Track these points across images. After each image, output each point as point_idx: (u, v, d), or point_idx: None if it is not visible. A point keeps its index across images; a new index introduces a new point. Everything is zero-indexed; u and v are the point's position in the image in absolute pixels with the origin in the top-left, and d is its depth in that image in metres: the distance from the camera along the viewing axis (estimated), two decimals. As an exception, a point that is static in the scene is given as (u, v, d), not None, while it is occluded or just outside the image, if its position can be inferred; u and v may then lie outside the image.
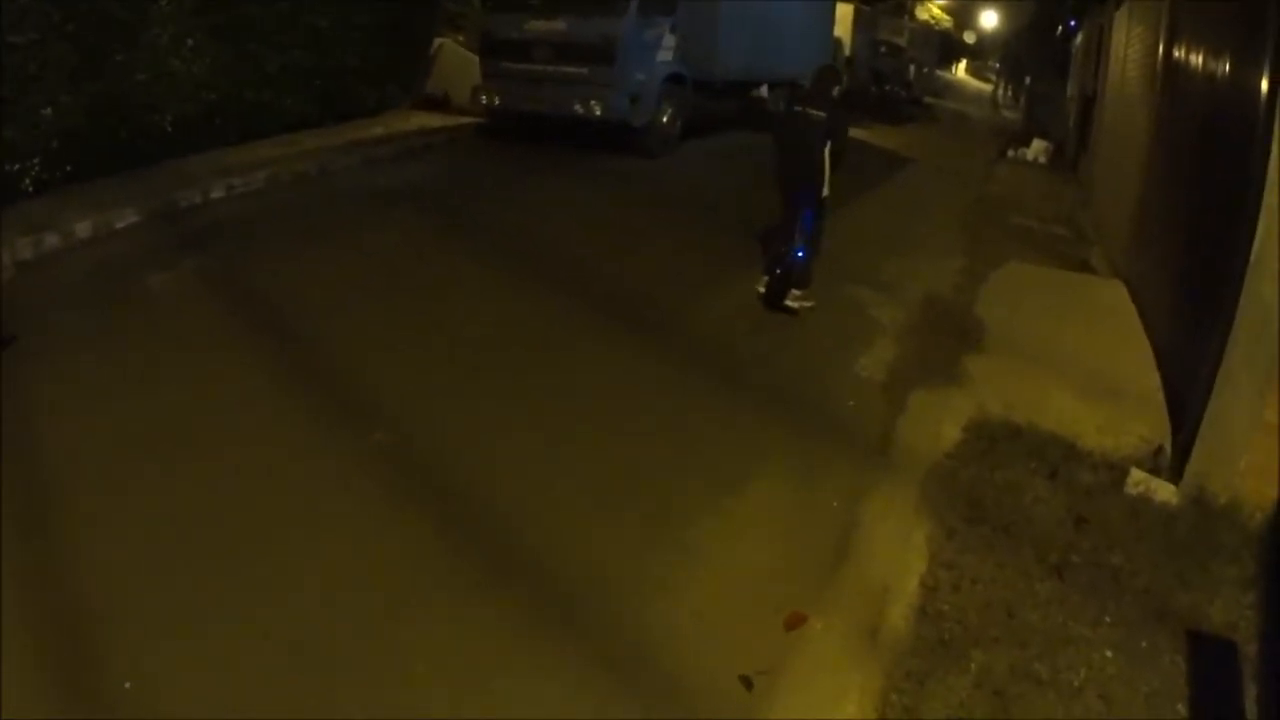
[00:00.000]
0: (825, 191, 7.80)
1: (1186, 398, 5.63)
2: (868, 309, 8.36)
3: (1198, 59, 7.63)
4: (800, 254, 7.79)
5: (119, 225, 9.05)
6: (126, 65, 10.26)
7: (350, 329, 6.92)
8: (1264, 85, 5.00)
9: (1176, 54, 8.62)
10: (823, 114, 7.60)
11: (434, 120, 15.62)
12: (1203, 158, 6.97)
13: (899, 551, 4.48)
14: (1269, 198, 4.66)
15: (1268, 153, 4.67)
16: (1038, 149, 23.20)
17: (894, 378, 6.70)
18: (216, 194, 10.43)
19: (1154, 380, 6.83)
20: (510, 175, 12.69)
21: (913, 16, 46.04)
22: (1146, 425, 5.99)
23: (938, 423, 5.88)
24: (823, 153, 7.59)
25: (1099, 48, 18.10)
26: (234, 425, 5.39)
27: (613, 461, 5.37)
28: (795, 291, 7.90)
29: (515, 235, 9.72)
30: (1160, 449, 5.69)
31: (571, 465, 5.29)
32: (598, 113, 13.38)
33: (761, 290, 8.05)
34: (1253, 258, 4.75)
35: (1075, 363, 7.13)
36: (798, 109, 7.82)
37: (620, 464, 5.34)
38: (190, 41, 11.25)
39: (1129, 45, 12.27)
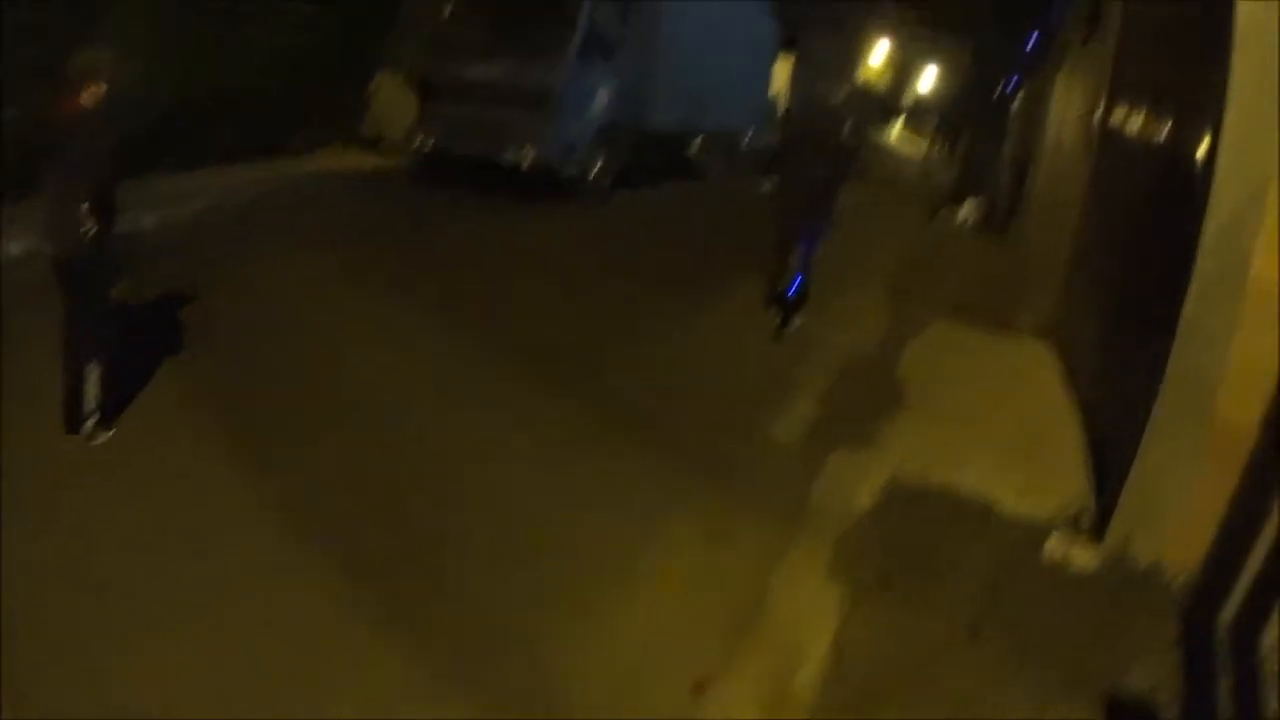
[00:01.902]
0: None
1: (1110, 459, 5.62)
2: (789, 368, 8.23)
3: (1137, 121, 7.67)
4: (797, 282, 9.10)
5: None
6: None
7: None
8: (1201, 148, 4.97)
9: (1116, 115, 8.68)
10: (822, 169, 8.93)
11: (368, 160, 15.40)
12: (1136, 219, 6.96)
13: (810, 613, 4.35)
14: (1203, 262, 4.60)
15: (1202, 215, 4.61)
16: (969, 208, 23.41)
17: (811, 438, 6.62)
18: (148, 223, 10.06)
19: (1077, 441, 6.79)
20: (436, 221, 12.42)
21: (851, 72, 46.51)
22: (1068, 487, 5.93)
23: (854, 483, 5.79)
24: (826, 198, 9.03)
25: (1038, 107, 18.36)
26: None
27: (516, 519, 5.20)
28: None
29: (432, 283, 9.49)
30: (1082, 511, 5.59)
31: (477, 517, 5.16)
32: (530, 160, 13.20)
33: (777, 318, 9.18)
34: (1183, 322, 4.69)
35: (997, 424, 7.08)
36: (803, 159, 9.10)
37: (524, 522, 5.18)
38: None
39: (1067, 105, 12.44)
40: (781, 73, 26.26)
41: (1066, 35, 15.06)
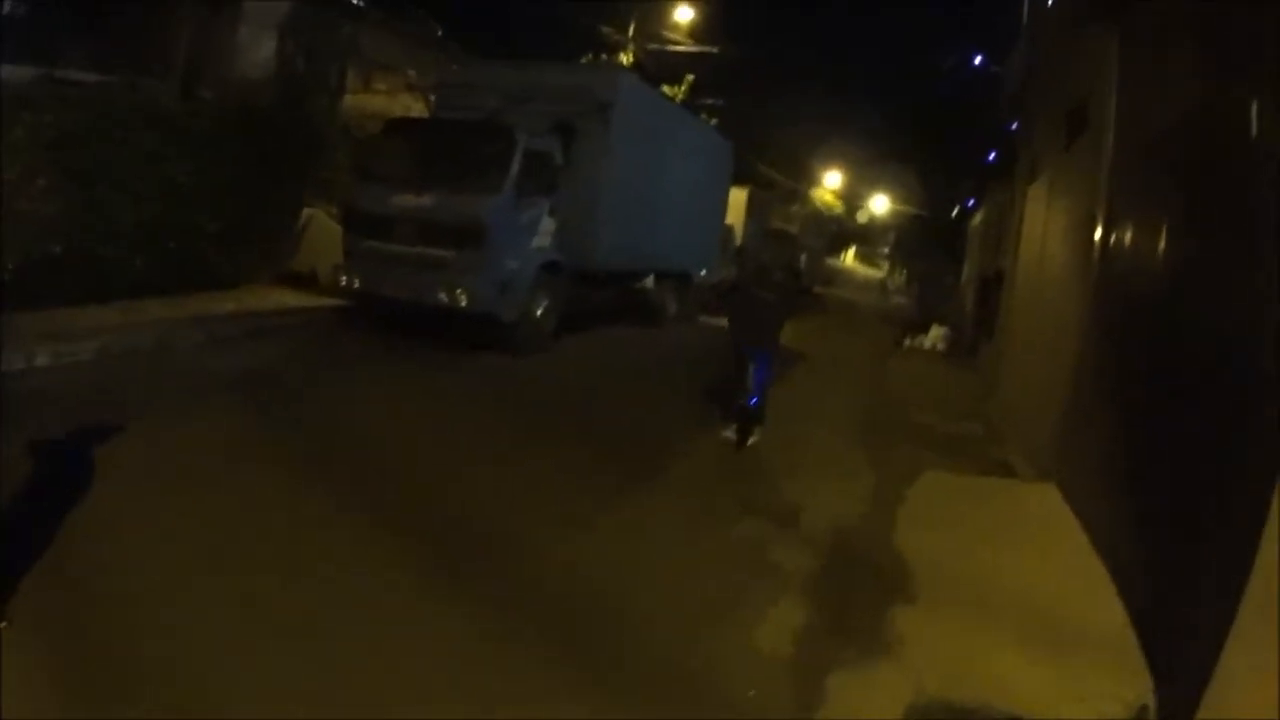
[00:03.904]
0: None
1: (1169, 640, 4.78)
2: (765, 550, 6.69)
3: (1151, 240, 6.70)
4: (754, 401, 9.74)
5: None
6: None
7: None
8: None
9: (1119, 232, 7.69)
10: (775, 295, 9.70)
11: (293, 299, 14.12)
12: (1165, 362, 5.99)
13: None
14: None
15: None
16: (935, 336, 22.77)
17: (804, 650, 5.09)
18: (41, 360, 8.89)
19: (1117, 614, 5.67)
20: (360, 369, 11.00)
21: (804, 203, 46.56)
22: (1121, 680, 4.84)
23: (867, 713, 4.42)
24: (778, 324, 9.95)
25: (1004, 225, 17.68)
26: None
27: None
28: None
29: (346, 445, 7.95)
30: (1143, 710, 4.60)
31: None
32: (462, 303, 11.91)
33: (729, 435, 9.76)
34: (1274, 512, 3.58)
35: (1021, 602, 5.91)
36: (754, 291, 9.84)
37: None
38: (42, 181, 10.07)
39: (1049, 220, 11.48)
40: (736, 201, 25.36)
41: (1036, 144, 14.34)
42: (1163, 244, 6.57)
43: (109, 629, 4.34)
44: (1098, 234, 8.32)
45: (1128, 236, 7.53)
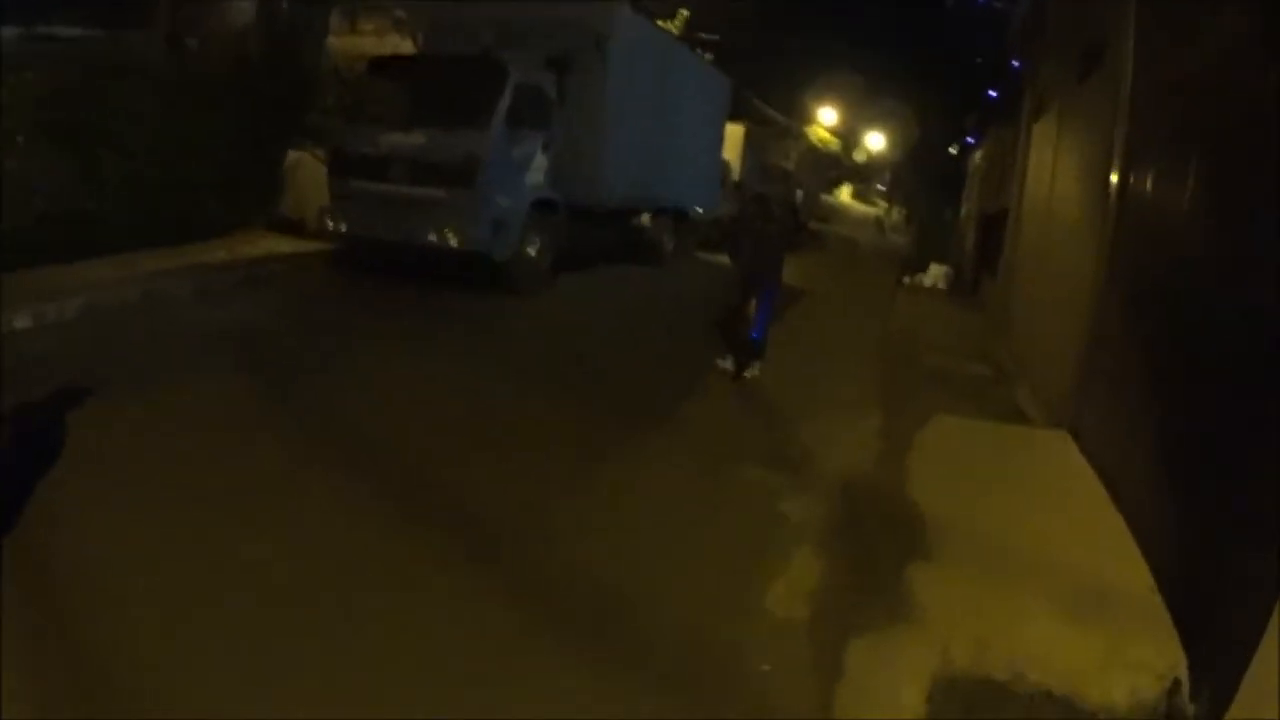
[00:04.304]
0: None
1: (1203, 605, 4.52)
2: (775, 500, 6.38)
3: (1180, 184, 6.36)
4: (756, 335, 9.89)
5: None
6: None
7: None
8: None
9: (1142, 174, 7.32)
10: (776, 229, 10.21)
11: (284, 245, 13.77)
12: (1197, 316, 5.68)
13: None
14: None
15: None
16: (936, 274, 22.44)
17: (820, 614, 4.80)
18: (22, 324, 8.59)
19: (1142, 574, 5.36)
20: (352, 316, 10.71)
21: (800, 139, 45.97)
22: (1154, 647, 4.53)
23: (892, 688, 4.11)
24: (780, 258, 10.20)
25: (1007, 163, 17.29)
26: None
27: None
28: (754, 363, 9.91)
29: (336, 404, 7.50)
30: (1176, 685, 4.29)
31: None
32: (454, 243, 11.57)
33: (726, 366, 9.90)
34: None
35: (1045, 559, 5.57)
36: (756, 225, 10.15)
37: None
38: (25, 139, 9.91)
39: (1059, 159, 11.09)
40: (733, 137, 24.88)
41: (1043, 81, 13.92)
42: (1188, 186, 6.24)
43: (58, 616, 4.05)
44: (1115, 174, 7.95)
45: (1152, 177, 7.17)
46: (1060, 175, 10.93)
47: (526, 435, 7.24)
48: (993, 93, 22.99)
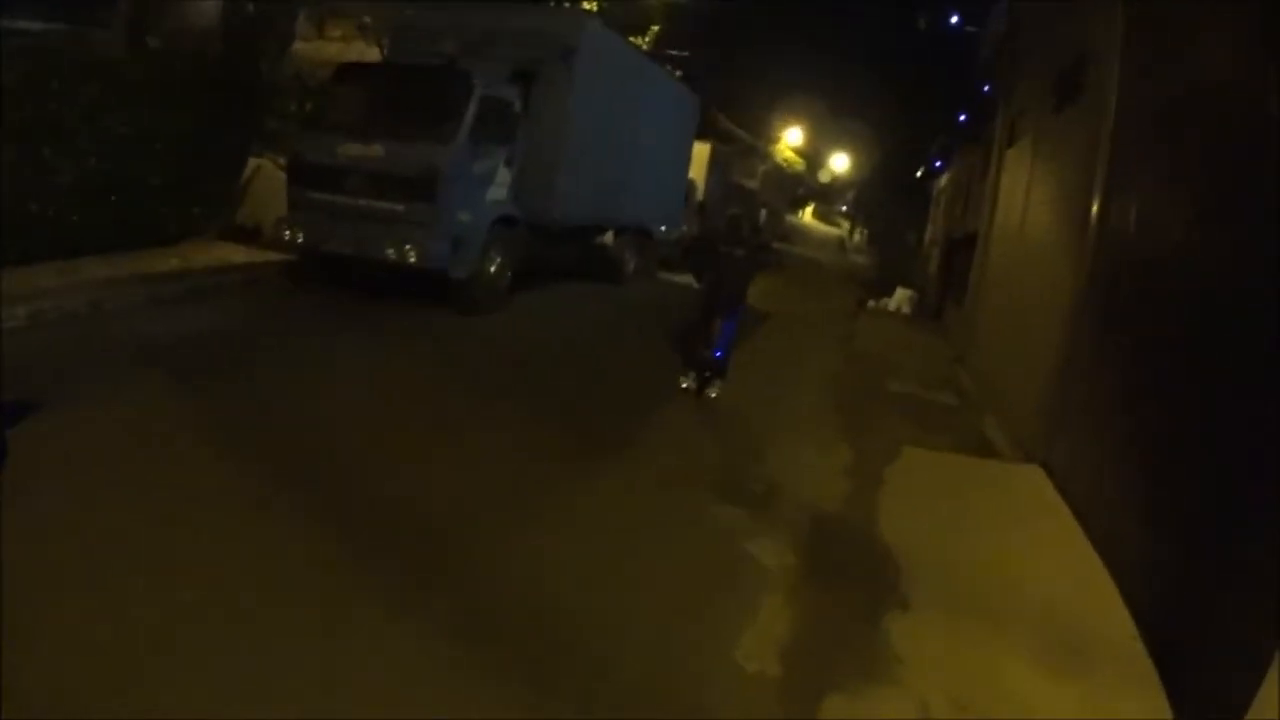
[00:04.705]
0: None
1: (1189, 654, 4.46)
2: (740, 540, 6.04)
3: (1161, 217, 6.22)
4: (719, 354, 9.92)
5: None
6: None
7: None
8: None
9: (1122, 206, 7.17)
10: (743, 251, 10.03)
11: (239, 255, 13.30)
12: (1176, 348, 5.55)
13: None
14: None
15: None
16: (901, 298, 22.37)
17: (793, 670, 4.47)
18: None
19: (1122, 618, 5.25)
20: (304, 331, 10.21)
21: (765, 159, 45.97)
22: (1137, 702, 4.43)
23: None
24: (746, 280, 10.19)
25: (974, 188, 17.24)
26: None
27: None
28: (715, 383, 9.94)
29: (280, 423, 7.06)
30: None
31: None
32: (412, 259, 11.08)
33: (688, 384, 9.99)
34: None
35: (1022, 604, 5.45)
36: (723, 249, 10.01)
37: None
38: None
39: (1033, 186, 10.96)
40: (699, 155, 24.60)
41: (1016, 106, 13.84)
42: (1177, 216, 6.10)
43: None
44: (1095, 204, 7.80)
45: (1133, 208, 7.02)
46: (1034, 202, 10.83)
47: (475, 462, 6.84)
48: (961, 116, 22.97)
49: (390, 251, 11.05)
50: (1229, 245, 5.14)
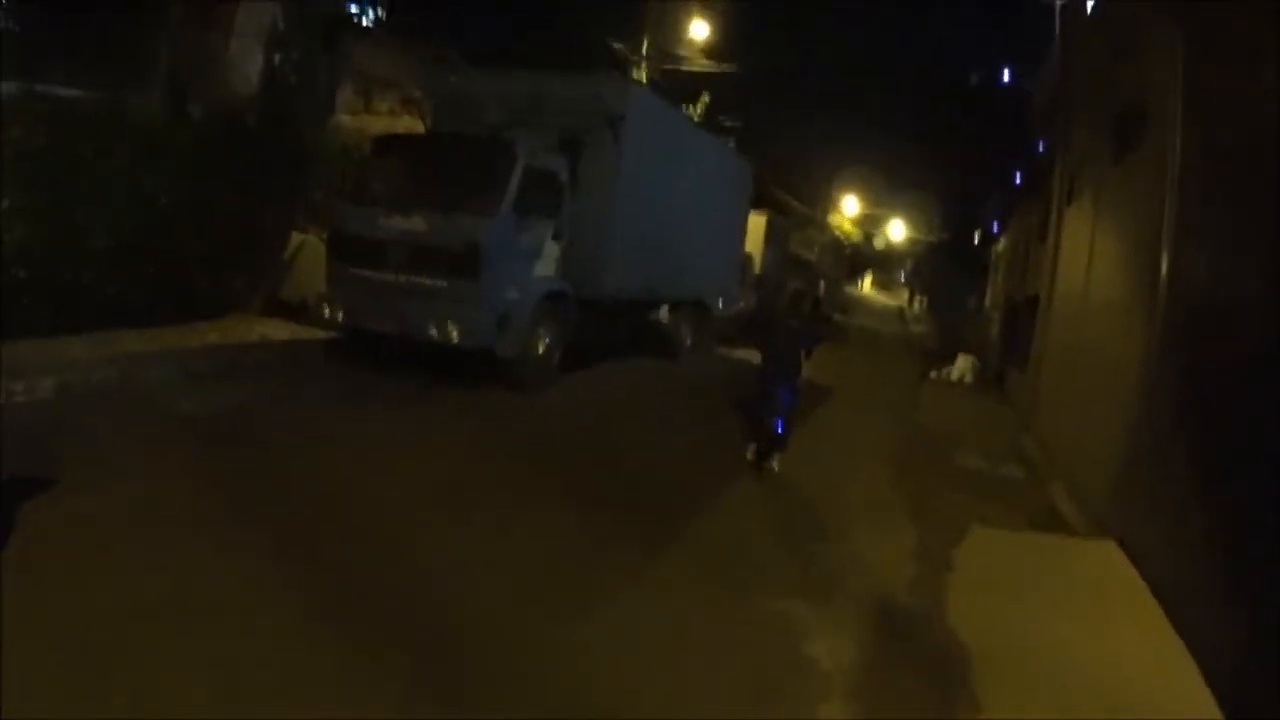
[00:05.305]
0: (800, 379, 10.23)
1: None
2: (799, 639, 5.56)
3: (1240, 256, 5.78)
4: (780, 427, 9.72)
5: None
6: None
7: None
8: None
9: (1194, 250, 6.74)
10: (799, 325, 10.17)
11: (281, 331, 13.10)
12: (1251, 416, 5.05)
13: None
14: None
15: None
16: (963, 367, 21.73)
17: None
18: None
19: (1212, 713, 4.80)
20: (340, 414, 9.68)
21: (822, 229, 45.74)
22: None
23: None
24: (801, 353, 10.06)
25: (1033, 248, 16.78)
26: None
27: None
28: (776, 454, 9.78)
29: (311, 508, 6.64)
30: None
31: None
32: (455, 338, 10.74)
33: (750, 457, 9.90)
34: None
35: (1103, 700, 4.95)
36: (783, 322, 10.34)
37: None
38: (9, 201, 9.31)
39: (1096, 243, 10.49)
40: (755, 227, 24.04)
41: (1074, 161, 13.40)
42: (1254, 265, 5.64)
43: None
44: (1164, 255, 7.32)
45: (1205, 258, 6.56)
46: (1099, 258, 10.36)
47: (522, 551, 6.39)
48: (1017, 178, 22.54)
49: (433, 330, 10.70)
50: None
